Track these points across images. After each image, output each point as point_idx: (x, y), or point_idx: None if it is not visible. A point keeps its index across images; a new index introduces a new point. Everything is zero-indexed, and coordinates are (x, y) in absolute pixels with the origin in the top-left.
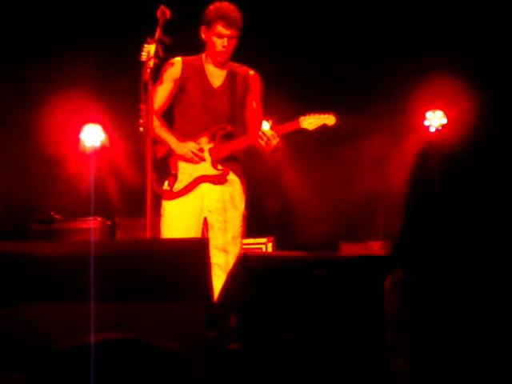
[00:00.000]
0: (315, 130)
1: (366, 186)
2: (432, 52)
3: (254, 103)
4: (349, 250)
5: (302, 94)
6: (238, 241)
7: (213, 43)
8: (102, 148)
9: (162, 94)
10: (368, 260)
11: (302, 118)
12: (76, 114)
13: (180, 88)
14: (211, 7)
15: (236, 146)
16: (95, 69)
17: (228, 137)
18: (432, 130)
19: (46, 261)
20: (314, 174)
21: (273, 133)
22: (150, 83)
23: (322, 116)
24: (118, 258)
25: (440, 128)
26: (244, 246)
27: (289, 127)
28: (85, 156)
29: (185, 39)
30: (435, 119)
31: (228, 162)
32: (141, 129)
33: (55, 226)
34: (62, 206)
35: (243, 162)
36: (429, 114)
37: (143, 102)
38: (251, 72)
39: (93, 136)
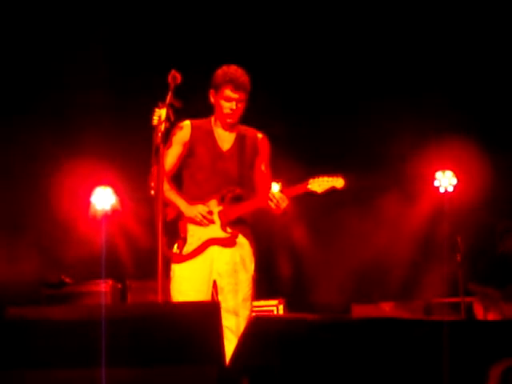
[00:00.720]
0: (324, 192)
1: (377, 247)
2: (441, 113)
3: (263, 166)
4: (360, 311)
5: (312, 156)
6: (249, 303)
7: (221, 106)
8: (113, 211)
9: (171, 157)
10: (379, 323)
11: (311, 181)
12: (87, 177)
13: (189, 151)
14: (219, 71)
15: (245, 208)
16: (106, 132)
17: (237, 199)
18: (442, 190)
19: (56, 325)
20: (324, 236)
21: (282, 195)
22: (161, 147)
23: (331, 179)
24: (130, 322)
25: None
26: (255, 309)
27: (298, 190)
28: (95, 219)
29: (194, 102)
30: (445, 180)
31: (237, 224)
32: (152, 192)
33: (65, 289)
34: (72, 269)
35: (252, 224)
36: (438, 175)
37: (154, 165)
38: (260, 135)
39: (103, 199)
